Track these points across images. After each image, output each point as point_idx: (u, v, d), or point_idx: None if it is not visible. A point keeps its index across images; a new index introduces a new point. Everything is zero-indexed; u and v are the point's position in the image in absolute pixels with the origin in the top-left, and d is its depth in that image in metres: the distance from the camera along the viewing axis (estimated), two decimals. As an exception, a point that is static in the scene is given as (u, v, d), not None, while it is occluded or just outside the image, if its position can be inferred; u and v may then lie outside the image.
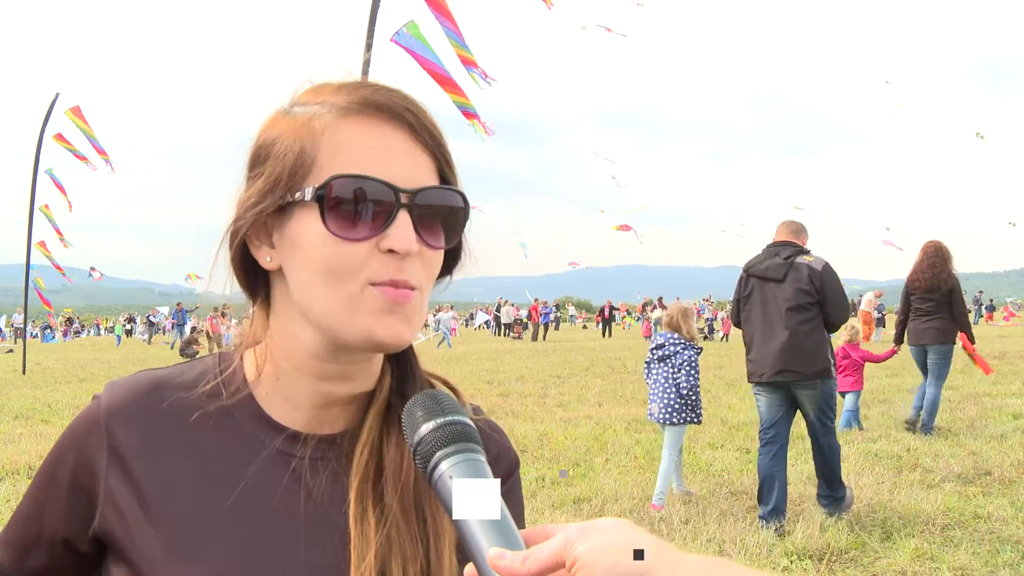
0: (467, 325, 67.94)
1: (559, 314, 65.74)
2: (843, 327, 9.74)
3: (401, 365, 1.15)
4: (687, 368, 7.15)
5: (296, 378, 1.07)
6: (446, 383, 1.21)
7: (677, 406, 7.11)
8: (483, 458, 0.84)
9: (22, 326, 27.37)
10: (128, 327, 58.06)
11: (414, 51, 8.07)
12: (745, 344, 6.95)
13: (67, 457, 1.06)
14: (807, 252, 6.75)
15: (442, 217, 1.02)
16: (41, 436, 10.98)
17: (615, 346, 32.64)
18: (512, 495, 1.25)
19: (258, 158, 1.04)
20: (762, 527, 6.45)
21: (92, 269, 25.44)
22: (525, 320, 44.47)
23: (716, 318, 41.83)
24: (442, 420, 0.85)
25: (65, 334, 60.08)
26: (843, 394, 10.57)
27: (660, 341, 7.38)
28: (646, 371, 7.50)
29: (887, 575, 5.45)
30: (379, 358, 1.11)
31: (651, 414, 7.35)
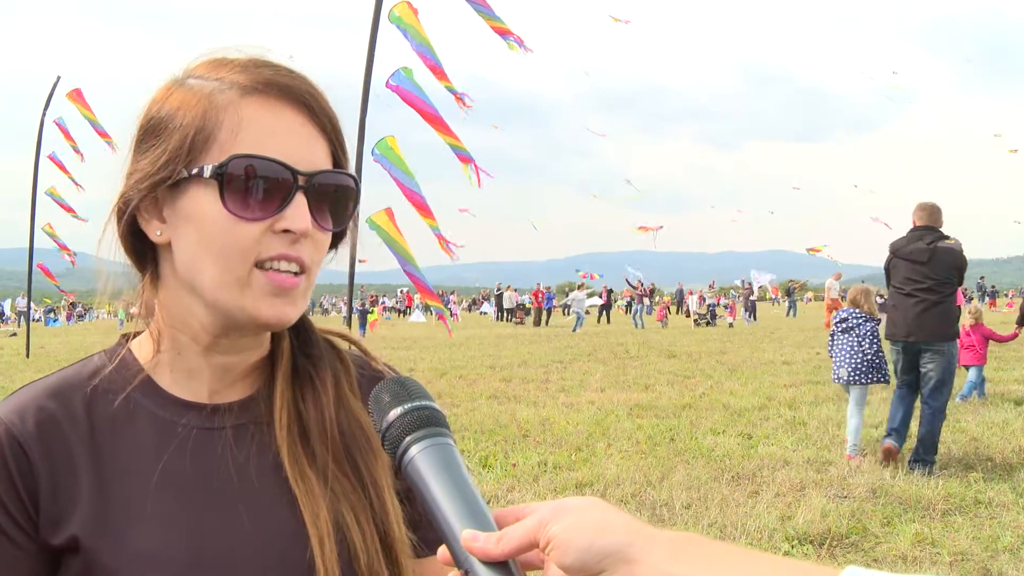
0: (470, 310, 67.94)
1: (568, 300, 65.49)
2: (967, 310, 12.09)
3: (298, 326, 1.17)
4: (870, 337, 8.32)
5: (195, 354, 1.08)
6: (344, 337, 1.24)
7: (864, 368, 8.25)
8: (452, 441, 0.85)
9: (26, 310, 27.38)
10: (131, 311, 58.02)
11: (407, 93, 8.15)
12: (887, 310, 8.27)
13: None
14: (947, 237, 7.96)
15: (332, 201, 1.04)
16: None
17: (617, 331, 32.66)
18: None
19: (151, 129, 1.02)
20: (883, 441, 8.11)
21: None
22: (527, 305, 44.46)
23: (719, 303, 41.74)
24: (410, 405, 0.85)
25: (69, 318, 60.15)
26: (967, 367, 11.95)
27: (844, 315, 8.54)
28: (830, 342, 8.72)
29: (888, 559, 5.46)
30: None
31: (839, 378, 8.43)
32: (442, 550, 0.79)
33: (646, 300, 41.04)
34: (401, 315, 60.35)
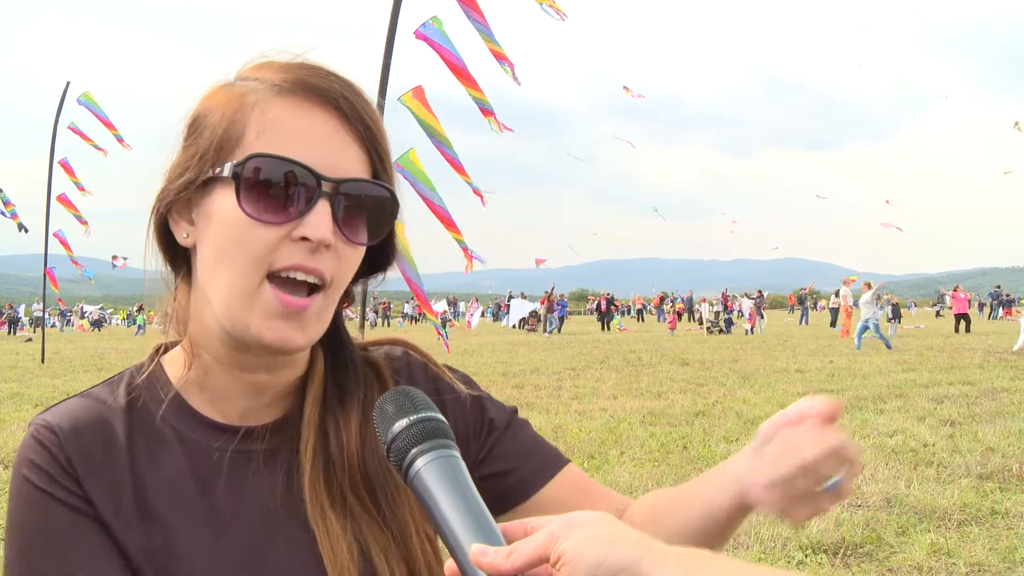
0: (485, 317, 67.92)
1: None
2: None
3: (336, 351, 1.12)
4: None
5: (222, 371, 1.03)
6: (400, 343, 1.20)
7: None
8: (457, 453, 0.83)
9: (41, 315, 27.58)
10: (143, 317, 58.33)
11: (437, 44, 8.14)
12: None
13: (46, 499, 0.94)
14: None
15: (367, 212, 0.98)
16: (59, 424, 11.06)
17: (630, 339, 32.58)
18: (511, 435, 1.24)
19: (190, 127, 1.00)
20: None
21: (114, 257, 25.44)
22: (539, 312, 44.45)
23: (732, 311, 41.51)
24: (415, 417, 0.83)
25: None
26: None
27: None
28: None
29: (903, 570, 5.41)
30: None
31: None
32: (449, 564, 0.78)
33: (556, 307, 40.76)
34: (415, 322, 60.43)
